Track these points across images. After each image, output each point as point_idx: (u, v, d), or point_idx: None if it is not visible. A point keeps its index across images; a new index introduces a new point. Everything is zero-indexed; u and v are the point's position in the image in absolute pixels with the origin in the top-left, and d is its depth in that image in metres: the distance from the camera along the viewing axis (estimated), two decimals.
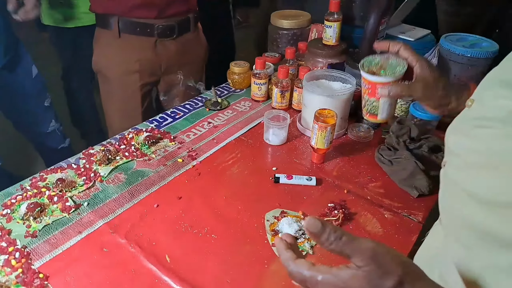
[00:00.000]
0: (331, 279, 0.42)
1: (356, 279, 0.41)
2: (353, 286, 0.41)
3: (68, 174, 0.98)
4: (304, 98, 1.13)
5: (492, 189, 0.45)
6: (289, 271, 0.45)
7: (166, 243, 0.81)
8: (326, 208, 0.90)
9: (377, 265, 0.40)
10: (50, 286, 0.72)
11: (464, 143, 0.51)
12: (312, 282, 0.43)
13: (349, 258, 0.42)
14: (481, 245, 0.48)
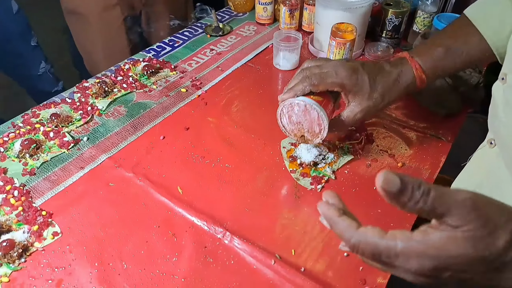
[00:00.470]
0: (417, 248, 0.31)
1: (455, 244, 0.31)
2: (452, 253, 0.31)
3: (63, 109, 0.90)
4: (317, 14, 1.01)
5: None
6: (352, 245, 0.34)
7: (176, 175, 0.75)
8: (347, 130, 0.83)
9: (482, 221, 0.30)
10: (54, 223, 0.67)
11: None
12: (390, 255, 0.32)
13: (442, 217, 0.31)
14: None
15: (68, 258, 0.62)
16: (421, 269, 0.31)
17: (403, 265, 0.32)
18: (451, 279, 0.32)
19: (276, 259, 0.61)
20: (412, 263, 0.31)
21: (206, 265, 0.61)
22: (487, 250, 0.30)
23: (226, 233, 0.65)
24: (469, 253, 0.30)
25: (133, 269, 0.60)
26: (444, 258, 0.31)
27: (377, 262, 0.34)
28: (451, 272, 0.31)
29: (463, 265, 0.31)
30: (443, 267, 0.31)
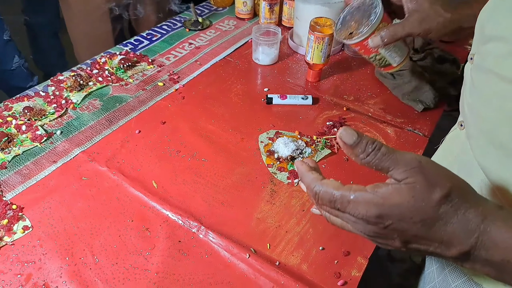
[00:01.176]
0: (366, 196, 0.35)
1: (398, 194, 0.34)
2: (394, 202, 0.34)
3: (36, 102, 0.87)
4: (297, 9, 1.01)
5: None
6: (314, 193, 0.39)
7: (151, 169, 0.74)
8: (325, 126, 0.83)
9: (423, 176, 0.34)
10: (25, 217, 0.65)
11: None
12: (343, 202, 0.36)
13: (388, 171, 0.35)
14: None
15: (38, 253, 0.60)
16: (367, 215, 0.35)
17: (353, 211, 0.36)
18: (392, 230, 0.35)
19: (251, 253, 0.61)
20: (360, 209, 0.35)
21: (180, 259, 0.60)
22: (423, 201, 0.34)
23: (201, 227, 0.64)
24: (408, 201, 0.34)
25: (104, 263, 0.59)
26: (387, 206, 0.35)
27: (332, 209, 0.38)
28: (392, 220, 0.35)
29: (402, 213, 0.34)
30: (385, 214, 0.35)
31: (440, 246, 0.35)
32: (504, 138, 0.42)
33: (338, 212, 0.38)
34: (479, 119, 0.47)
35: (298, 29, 1.05)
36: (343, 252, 0.61)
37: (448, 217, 0.34)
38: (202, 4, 1.29)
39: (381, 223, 0.35)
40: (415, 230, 0.35)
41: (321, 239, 0.63)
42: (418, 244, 0.36)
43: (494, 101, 0.43)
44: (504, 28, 0.43)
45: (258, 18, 1.18)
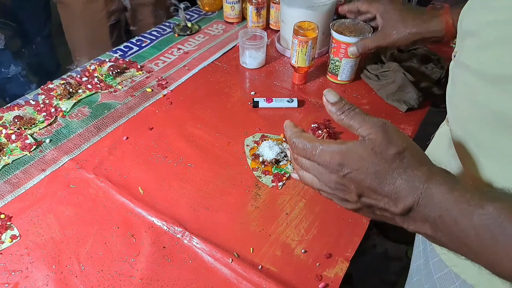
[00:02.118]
0: (332, 148, 0.40)
1: (360, 146, 0.39)
2: (355, 152, 0.39)
3: (27, 111, 0.89)
4: (282, 13, 1.02)
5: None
6: (292, 142, 0.44)
7: (138, 176, 0.75)
8: (310, 129, 0.84)
9: (384, 134, 0.39)
10: (13, 226, 0.66)
11: (484, 17, 0.42)
12: (312, 150, 0.41)
13: (356, 129, 0.41)
14: (491, 135, 0.42)
15: (26, 261, 0.62)
16: (330, 162, 0.40)
17: (319, 159, 0.41)
18: (350, 180, 0.40)
19: (234, 257, 0.62)
20: (326, 157, 0.40)
21: (164, 265, 0.61)
22: (380, 154, 0.39)
23: (186, 233, 0.65)
24: (366, 152, 0.39)
25: (90, 270, 0.60)
26: (348, 155, 0.39)
27: (304, 159, 0.43)
28: (350, 169, 0.39)
29: (360, 163, 0.39)
30: (346, 162, 0.39)
31: (389, 201, 0.39)
32: (474, 129, 0.44)
33: (309, 162, 0.43)
34: (456, 112, 0.49)
35: (284, 33, 1.05)
36: (325, 255, 0.62)
37: (398, 173, 0.38)
38: (191, 9, 1.30)
39: (341, 171, 0.40)
40: (369, 182, 0.39)
41: (304, 242, 0.64)
42: (370, 198, 0.40)
43: (465, 94, 0.45)
44: (474, 23, 0.45)
45: (246, 22, 1.19)
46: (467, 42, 0.46)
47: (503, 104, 0.39)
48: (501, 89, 0.39)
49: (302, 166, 0.44)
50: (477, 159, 0.45)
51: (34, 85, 1.74)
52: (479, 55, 0.42)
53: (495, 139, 0.42)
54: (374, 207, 0.41)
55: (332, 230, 0.66)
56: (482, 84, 0.41)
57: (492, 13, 0.41)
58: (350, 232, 0.65)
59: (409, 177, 0.38)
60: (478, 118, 0.43)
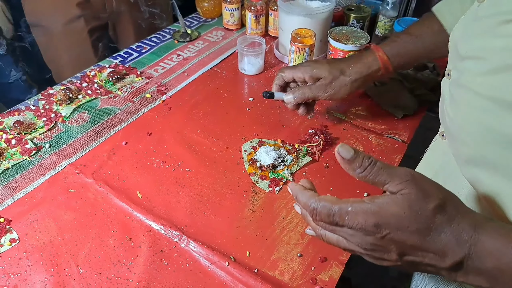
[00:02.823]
0: (364, 206, 0.37)
1: (394, 203, 0.37)
2: (391, 211, 0.37)
3: (27, 116, 0.90)
4: (281, 20, 1.04)
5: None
6: (312, 209, 0.40)
7: (137, 180, 0.76)
8: (307, 134, 0.85)
9: (418, 187, 0.37)
10: (12, 229, 0.67)
11: (491, 43, 0.42)
12: (341, 214, 0.38)
13: (384, 185, 0.38)
14: (505, 156, 0.42)
15: (24, 264, 0.62)
16: (365, 224, 0.37)
17: (351, 223, 0.38)
18: (389, 240, 0.37)
19: (231, 261, 0.62)
20: (359, 219, 0.37)
21: (161, 269, 0.62)
22: (419, 210, 0.36)
23: (183, 237, 0.66)
24: (404, 210, 0.36)
25: (88, 273, 0.61)
26: (385, 215, 0.37)
27: (329, 224, 0.40)
28: (389, 229, 0.37)
29: (399, 222, 0.37)
30: (383, 223, 0.37)
31: (435, 256, 0.37)
32: (487, 152, 0.44)
33: (335, 227, 0.39)
34: (461, 133, 0.48)
35: (282, 40, 1.07)
36: (320, 258, 0.63)
37: (442, 227, 0.36)
38: (191, 15, 1.31)
39: (378, 233, 0.37)
40: (412, 240, 0.37)
41: (299, 246, 0.65)
42: (414, 255, 0.38)
43: (474, 117, 0.45)
44: (477, 49, 0.45)
45: (245, 29, 1.20)
46: (468, 65, 0.46)
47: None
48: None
49: (326, 229, 0.41)
50: (488, 178, 0.45)
51: (35, 90, 1.76)
52: (489, 80, 0.42)
53: (509, 159, 0.41)
54: (418, 264, 0.39)
55: None
56: (494, 109, 0.41)
57: (501, 39, 0.41)
58: None
59: (454, 231, 0.36)
60: (491, 139, 0.43)
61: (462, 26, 0.50)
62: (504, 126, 0.40)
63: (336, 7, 1.05)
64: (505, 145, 0.41)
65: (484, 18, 0.45)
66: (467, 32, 0.48)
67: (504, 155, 0.42)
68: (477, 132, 0.45)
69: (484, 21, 0.44)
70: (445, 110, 0.53)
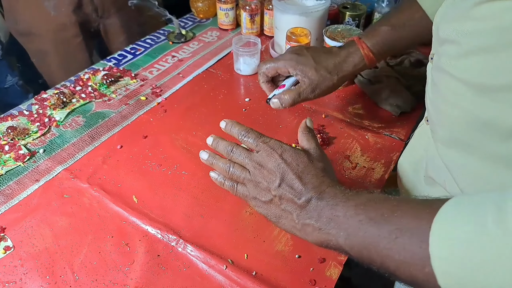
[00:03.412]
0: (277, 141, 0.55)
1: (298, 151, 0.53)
2: (295, 152, 0.52)
3: (20, 121, 0.89)
4: (276, 19, 1.03)
5: (498, 73, 0.39)
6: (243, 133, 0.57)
7: (132, 184, 0.75)
8: None
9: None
10: (7, 237, 0.66)
11: (463, 26, 0.43)
12: (264, 137, 0.55)
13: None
14: (478, 137, 0.43)
15: (19, 272, 0.61)
16: (274, 144, 0.53)
17: (266, 140, 0.54)
18: (283, 162, 0.50)
19: (229, 264, 0.62)
20: (272, 142, 0.53)
21: (159, 274, 0.61)
22: (312, 161, 0.51)
23: (180, 241, 0.65)
24: (304, 153, 0.52)
25: (84, 280, 0.60)
26: (289, 148, 0.52)
27: (255, 139, 0.55)
28: (286, 154, 0.51)
29: (295, 154, 0.51)
30: (285, 148, 0.52)
31: (296, 193, 0.48)
32: (461, 133, 0.46)
33: (248, 154, 0.54)
34: (440, 115, 0.50)
35: (278, 39, 1.06)
36: (319, 259, 0.62)
37: (313, 175, 0.49)
38: (185, 16, 1.31)
39: (279, 151, 0.51)
40: (296, 169, 0.49)
41: (298, 247, 0.64)
42: (289, 187, 0.48)
43: (451, 99, 0.47)
44: (452, 32, 0.45)
45: (240, 29, 1.19)
46: (446, 49, 0.47)
47: (490, 111, 0.40)
48: (488, 98, 0.40)
49: (238, 160, 0.55)
50: (462, 159, 0.46)
51: (31, 95, 1.75)
52: (461, 63, 0.43)
53: (482, 141, 0.42)
54: (283, 199, 0.49)
55: None
56: (468, 91, 0.43)
57: (471, 22, 0.41)
58: None
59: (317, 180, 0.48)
60: (465, 122, 0.44)
61: (443, 10, 0.51)
62: (476, 108, 0.42)
63: (331, 5, 1.05)
64: (478, 127, 0.43)
65: (459, 1, 0.45)
66: (446, 16, 0.49)
67: (477, 137, 0.43)
68: (453, 115, 0.46)
69: (459, 4, 0.45)
70: (427, 94, 0.55)
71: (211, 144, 0.59)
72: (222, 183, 0.57)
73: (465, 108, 0.43)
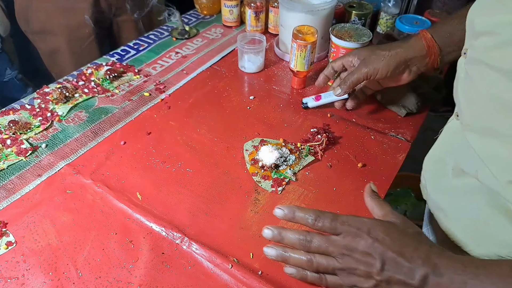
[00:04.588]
0: (360, 218, 0.51)
1: (385, 221, 0.50)
2: (381, 224, 0.49)
3: (22, 115, 0.88)
4: (281, 17, 1.02)
5: None
6: (316, 216, 0.51)
7: (136, 181, 0.74)
8: (309, 133, 0.84)
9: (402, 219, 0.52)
10: (9, 232, 0.65)
11: (502, 17, 0.44)
12: (342, 219, 0.50)
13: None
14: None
15: (22, 268, 0.60)
16: (361, 226, 0.48)
17: (350, 221, 0.49)
18: (377, 245, 0.46)
19: (234, 263, 0.61)
20: (356, 222, 0.49)
21: (163, 272, 0.60)
22: (403, 230, 0.48)
23: (185, 239, 0.64)
24: (393, 225, 0.49)
25: (88, 277, 0.59)
26: (376, 223, 0.49)
27: (330, 228, 0.50)
28: (380, 233, 0.47)
29: (387, 229, 0.48)
30: (375, 228, 0.48)
31: (408, 271, 0.44)
32: (495, 122, 0.47)
33: (329, 241, 0.49)
34: (472, 106, 0.51)
35: (283, 37, 1.05)
36: None
37: (417, 246, 0.46)
38: (189, 12, 1.30)
39: (369, 237, 0.46)
40: (394, 247, 0.45)
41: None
42: (393, 268, 0.44)
43: (484, 88, 0.48)
44: (490, 24, 0.47)
45: (244, 26, 1.18)
46: (483, 41, 0.48)
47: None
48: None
49: (319, 248, 0.50)
50: (497, 148, 0.47)
51: (30, 89, 1.73)
52: (499, 53, 0.45)
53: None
54: (392, 282, 0.44)
55: None
56: (504, 80, 0.44)
57: (510, 14, 0.43)
58: None
59: (422, 253, 0.45)
60: (501, 110, 0.45)
61: (478, 5, 0.52)
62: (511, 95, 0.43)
63: (338, 4, 1.04)
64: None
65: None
66: (483, 8, 0.50)
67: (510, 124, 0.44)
68: (486, 103, 0.47)
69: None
70: (458, 88, 0.55)
71: (271, 237, 0.53)
72: (306, 277, 0.52)
73: (501, 97, 0.44)
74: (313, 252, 0.50)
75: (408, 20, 1.04)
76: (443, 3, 1.08)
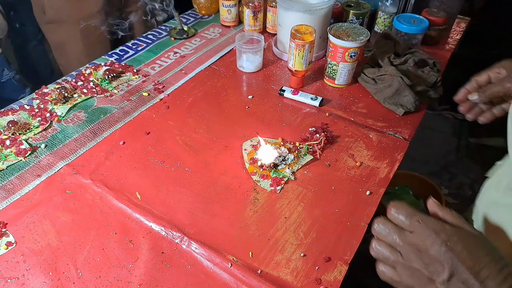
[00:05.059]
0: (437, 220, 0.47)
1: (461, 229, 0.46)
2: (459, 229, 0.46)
3: (21, 116, 0.88)
4: (279, 17, 1.02)
5: None
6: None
7: (135, 181, 0.74)
8: (307, 132, 0.84)
9: None
10: (8, 233, 0.65)
11: None
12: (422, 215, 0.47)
13: None
14: None
15: (22, 268, 0.61)
16: (437, 227, 0.44)
17: (427, 220, 0.46)
18: (451, 253, 0.43)
19: (233, 262, 0.61)
20: (434, 222, 0.45)
21: (163, 271, 0.61)
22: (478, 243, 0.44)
23: (184, 238, 0.65)
24: (471, 233, 0.45)
25: (88, 277, 0.60)
26: (453, 229, 0.45)
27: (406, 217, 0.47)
28: (455, 238, 0.44)
29: (463, 235, 0.44)
30: (451, 232, 0.44)
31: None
32: None
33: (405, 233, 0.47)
34: None
35: (281, 36, 1.05)
36: (324, 258, 0.62)
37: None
38: (187, 12, 1.30)
39: (445, 240, 0.43)
40: (468, 258, 0.42)
41: (303, 246, 0.64)
42: (461, 279, 0.42)
43: None
44: None
45: (243, 26, 1.19)
46: None
47: None
48: None
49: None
50: None
51: (28, 89, 1.73)
52: None
53: None
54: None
55: (330, 234, 0.66)
56: None
57: None
58: (348, 235, 0.65)
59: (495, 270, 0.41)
60: None
61: None
62: None
63: (335, 3, 1.04)
64: None
65: None
66: None
67: None
68: None
69: None
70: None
71: None
72: None
73: None
74: (379, 240, 0.49)
75: (406, 19, 1.04)
76: (441, 2, 1.08)
